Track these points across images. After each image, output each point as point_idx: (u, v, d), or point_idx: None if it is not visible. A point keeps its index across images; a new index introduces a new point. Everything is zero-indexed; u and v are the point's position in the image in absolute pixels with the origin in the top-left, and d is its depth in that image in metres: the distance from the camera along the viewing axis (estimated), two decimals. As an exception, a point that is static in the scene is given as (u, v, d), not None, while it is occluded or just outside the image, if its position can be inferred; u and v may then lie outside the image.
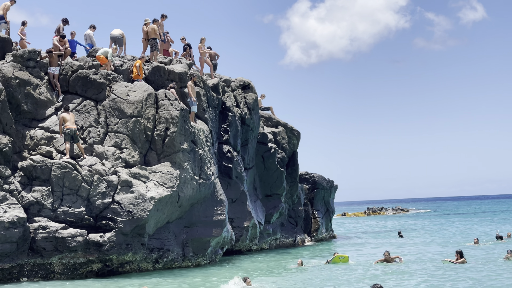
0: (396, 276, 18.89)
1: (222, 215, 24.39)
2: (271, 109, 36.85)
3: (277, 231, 33.31)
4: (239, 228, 27.76)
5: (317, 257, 26.18)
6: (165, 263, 21.98)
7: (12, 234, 18.72)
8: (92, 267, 20.42)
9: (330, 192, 40.50)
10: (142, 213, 20.53)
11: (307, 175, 39.37)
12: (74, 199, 20.39)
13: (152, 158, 22.67)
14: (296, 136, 35.98)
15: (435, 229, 46.98)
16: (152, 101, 22.96)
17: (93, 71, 23.06)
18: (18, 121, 21.50)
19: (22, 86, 21.58)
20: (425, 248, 29.41)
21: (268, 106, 36.94)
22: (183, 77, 25.53)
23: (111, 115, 22.41)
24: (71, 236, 19.71)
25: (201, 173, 23.96)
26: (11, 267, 19.01)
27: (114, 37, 27.31)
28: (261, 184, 32.55)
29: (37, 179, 20.35)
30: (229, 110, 29.04)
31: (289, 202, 35.10)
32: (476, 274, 18.55)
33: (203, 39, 29.42)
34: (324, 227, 38.90)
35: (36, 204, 20.05)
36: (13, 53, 22.35)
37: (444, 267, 20.74)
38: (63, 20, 25.68)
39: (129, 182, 20.98)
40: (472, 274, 18.61)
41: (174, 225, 22.98)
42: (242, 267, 23.02)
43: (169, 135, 22.60)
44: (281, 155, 33.71)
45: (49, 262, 19.71)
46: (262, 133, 32.82)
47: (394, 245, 31.80)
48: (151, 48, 26.56)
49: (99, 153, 21.71)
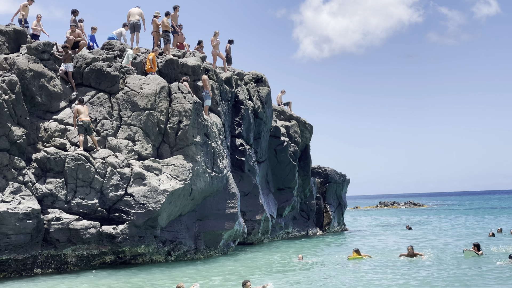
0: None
1: (235, 208, 24.44)
2: (289, 105, 36.82)
3: (289, 225, 33.33)
4: (251, 221, 27.81)
5: (318, 251, 26.12)
6: (177, 256, 22.07)
7: (26, 225, 18.86)
8: (105, 259, 20.56)
9: (342, 186, 40.43)
10: (155, 206, 20.61)
11: (320, 168, 39.32)
12: (88, 191, 20.50)
13: (165, 150, 22.73)
14: (309, 130, 35.94)
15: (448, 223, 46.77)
16: (165, 94, 23.00)
17: (107, 63, 23.12)
18: (33, 113, 21.63)
19: (37, 78, 21.69)
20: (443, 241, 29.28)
21: (288, 101, 36.94)
22: (196, 70, 25.55)
23: (124, 108, 22.49)
24: (84, 228, 19.84)
25: (214, 166, 24.00)
26: (25, 258, 19.17)
27: (133, 24, 26.91)
28: (274, 178, 32.57)
29: (51, 171, 20.48)
30: (242, 103, 29.04)
31: (301, 196, 35.10)
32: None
33: (216, 33, 29.40)
34: (336, 221, 38.87)
35: (50, 195, 20.18)
36: (27, 46, 22.45)
37: (468, 260, 20.82)
38: (72, 12, 25.51)
39: (142, 175, 21.06)
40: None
41: (186, 218, 23.06)
42: (241, 260, 22.87)
43: (182, 128, 22.64)
44: (293, 149, 33.70)
45: (63, 254, 19.86)
46: (274, 127, 32.81)
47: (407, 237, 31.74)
48: (164, 41, 26.54)
49: (112, 145, 21.80)
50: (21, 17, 24.30)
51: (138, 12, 27.27)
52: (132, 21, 27.03)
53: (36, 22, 24.51)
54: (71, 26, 24.28)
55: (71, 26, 24.26)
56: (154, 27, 27.35)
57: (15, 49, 23.12)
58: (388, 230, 40.95)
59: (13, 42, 23.22)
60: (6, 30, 23.18)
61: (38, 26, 24.47)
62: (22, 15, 24.29)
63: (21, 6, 24.31)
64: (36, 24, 24.46)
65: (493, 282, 16.04)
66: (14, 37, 23.28)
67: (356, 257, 21.85)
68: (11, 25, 23.50)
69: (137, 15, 27.17)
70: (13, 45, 23.17)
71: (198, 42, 29.55)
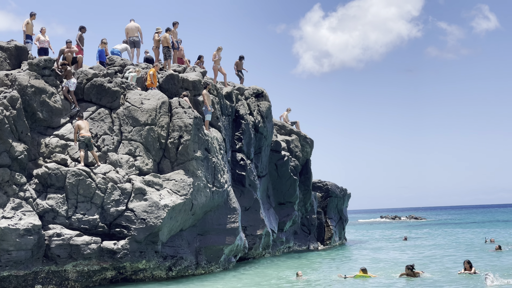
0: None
1: (236, 223, 24.41)
2: (297, 124, 36.69)
3: (290, 239, 33.26)
4: (252, 236, 27.76)
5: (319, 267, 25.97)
6: (178, 271, 22.01)
7: (27, 241, 18.83)
8: (106, 275, 20.50)
9: (343, 200, 40.40)
10: (156, 221, 20.59)
11: (320, 183, 39.32)
12: (89, 207, 20.49)
13: (165, 166, 22.75)
14: (309, 144, 35.97)
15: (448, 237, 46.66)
16: (166, 109, 23.07)
17: (107, 79, 23.21)
18: (34, 129, 21.67)
19: (38, 94, 21.76)
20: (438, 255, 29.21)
21: (295, 121, 36.81)
22: (197, 85, 25.63)
23: (125, 123, 22.54)
24: (85, 243, 19.80)
25: (215, 181, 24.00)
26: (26, 274, 19.11)
27: (133, 41, 27.31)
28: (274, 192, 32.55)
29: (52, 186, 20.48)
30: (243, 118, 29.10)
31: (302, 210, 35.06)
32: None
33: (220, 48, 29.61)
34: (337, 235, 38.78)
35: (51, 211, 20.17)
36: (28, 62, 22.55)
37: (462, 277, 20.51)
38: (80, 28, 25.67)
39: (143, 190, 21.06)
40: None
41: (187, 233, 23.03)
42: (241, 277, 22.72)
43: (183, 143, 22.68)
44: (294, 163, 33.71)
45: (64, 270, 19.80)
46: (275, 141, 32.85)
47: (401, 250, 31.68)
48: (165, 57, 26.69)
49: (113, 160, 21.82)
50: (24, 33, 24.43)
51: (135, 27, 27.51)
52: (132, 38, 27.33)
53: (41, 35, 24.52)
54: (68, 42, 24.14)
55: (68, 43, 24.13)
56: (154, 42, 27.54)
57: (16, 66, 23.23)
58: (389, 243, 40.91)
59: (14, 59, 23.33)
60: (7, 46, 23.31)
61: (44, 39, 24.49)
62: (24, 31, 24.42)
63: (24, 23, 24.47)
64: (40, 37, 24.48)
65: None
66: (15, 54, 23.39)
67: (362, 275, 21.42)
68: (12, 42, 23.63)
69: (135, 31, 27.45)
70: (14, 61, 23.28)
71: (198, 57, 29.71)
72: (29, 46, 24.18)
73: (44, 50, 24.34)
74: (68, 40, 24.01)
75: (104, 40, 25.75)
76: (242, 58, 32.31)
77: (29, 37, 24.42)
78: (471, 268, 21.23)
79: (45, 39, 24.48)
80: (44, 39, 24.45)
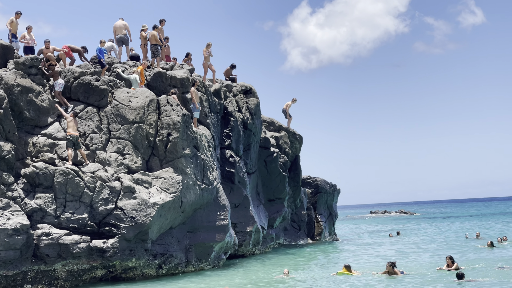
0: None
1: (225, 220, 24.41)
2: (289, 120, 36.32)
3: (280, 236, 33.31)
4: (242, 233, 27.77)
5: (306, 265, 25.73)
6: (168, 269, 21.99)
7: (15, 241, 18.75)
8: (95, 273, 20.44)
9: (333, 196, 40.49)
10: (145, 219, 20.56)
11: (310, 179, 39.38)
12: (77, 206, 20.43)
13: (154, 163, 22.71)
14: (298, 141, 36.01)
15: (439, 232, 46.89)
16: (154, 107, 23.01)
17: (95, 77, 23.13)
18: (21, 128, 21.56)
19: (25, 93, 21.64)
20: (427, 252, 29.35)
21: (291, 116, 36.35)
22: (185, 82, 25.58)
23: (113, 121, 22.47)
24: (74, 242, 19.73)
25: (204, 178, 23.98)
26: (15, 274, 19.03)
27: (121, 39, 27.21)
28: (264, 189, 32.57)
29: (40, 186, 20.39)
30: (231, 115, 29.08)
31: (292, 207, 35.12)
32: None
33: (209, 44, 29.47)
34: (327, 231, 38.88)
35: (39, 211, 20.08)
36: (15, 61, 22.41)
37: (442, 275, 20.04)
38: (83, 49, 25.77)
39: (132, 188, 21.01)
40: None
41: (177, 231, 23.00)
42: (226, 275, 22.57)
43: (171, 140, 22.64)
44: (283, 160, 33.74)
45: (53, 269, 19.73)
46: (264, 138, 32.86)
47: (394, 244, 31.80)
48: (153, 54, 26.62)
49: (101, 159, 21.76)
50: (9, 32, 24.22)
51: (123, 25, 27.42)
52: (119, 35, 27.23)
53: (27, 34, 24.30)
54: (46, 42, 23.95)
55: (46, 42, 23.95)
56: (142, 40, 27.45)
57: (2, 65, 23.06)
58: (378, 239, 41.04)
59: (0, 58, 23.16)
60: (-7, 45, 23.13)
61: (30, 38, 24.28)
62: (9, 30, 24.21)
63: (8, 22, 24.23)
64: (26, 36, 24.26)
65: None
66: (1, 52, 23.21)
67: (345, 272, 21.10)
68: (-3, 41, 23.43)
69: (123, 29, 27.35)
70: (0, 60, 23.11)
71: (186, 55, 29.63)
72: (15, 45, 23.98)
73: (30, 48, 24.15)
74: (46, 40, 23.88)
75: (102, 40, 25.96)
76: (233, 66, 32.35)
77: (15, 36, 24.22)
78: (453, 263, 20.86)
79: (31, 38, 24.29)
80: (30, 37, 24.26)
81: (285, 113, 36.36)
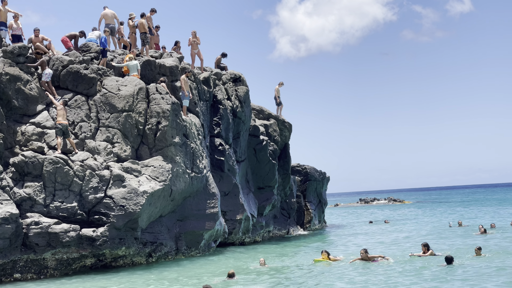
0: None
1: (215, 208, 24.46)
2: (280, 107, 36.20)
3: (270, 224, 33.41)
4: (232, 221, 27.83)
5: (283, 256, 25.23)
6: (158, 257, 22.04)
7: (4, 230, 18.71)
8: (85, 262, 20.46)
9: (322, 184, 40.64)
10: (135, 207, 20.57)
11: (299, 167, 39.48)
12: (67, 194, 20.39)
13: (144, 152, 22.69)
14: (288, 128, 36.03)
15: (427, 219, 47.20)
16: (143, 95, 22.95)
17: (83, 66, 23.02)
18: (9, 117, 21.45)
19: (13, 82, 21.52)
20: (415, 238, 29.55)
21: (281, 103, 36.16)
22: (174, 71, 25.52)
23: (102, 110, 22.40)
24: (64, 231, 19.72)
25: (193, 167, 24.00)
26: (4, 263, 19.01)
27: (110, 28, 26.83)
28: (254, 177, 32.62)
29: (29, 174, 20.33)
30: (221, 103, 29.05)
31: (282, 194, 35.20)
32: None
33: (193, 32, 29.36)
34: (316, 219, 39.06)
35: (28, 199, 20.04)
36: (3, 49, 22.25)
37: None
38: (81, 33, 25.57)
39: (121, 177, 21.00)
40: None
41: (167, 219, 23.04)
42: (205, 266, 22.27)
43: (161, 129, 22.62)
44: (273, 148, 33.77)
45: (42, 258, 19.72)
46: (253, 126, 32.85)
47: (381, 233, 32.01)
48: (143, 43, 26.51)
49: (90, 148, 21.71)
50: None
51: (112, 14, 27.20)
52: (111, 25, 27.02)
53: (14, 23, 24.01)
54: (35, 30, 23.74)
55: (35, 31, 23.75)
56: (130, 28, 27.30)
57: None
58: (366, 226, 41.26)
59: (-12, 46, 22.97)
60: (-20, 33, 22.94)
61: (17, 26, 24.00)
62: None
63: None
64: (13, 24, 23.98)
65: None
66: (-12, 41, 23.03)
67: (324, 259, 20.65)
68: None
69: (112, 18, 27.15)
70: (-12, 48, 22.92)
71: (175, 43, 29.54)
72: (2, 33, 23.75)
73: (18, 37, 23.92)
74: (35, 28, 23.67)
75: (106, 29, 25.82)
76: (224, 55, 32.27)
77: (2, 24, 23.96)
78: (428, 250, 20.84)
79: (18, 26, 24.06)
80: (17, 26, 24.02)
81: (276, 100, 36.26)
